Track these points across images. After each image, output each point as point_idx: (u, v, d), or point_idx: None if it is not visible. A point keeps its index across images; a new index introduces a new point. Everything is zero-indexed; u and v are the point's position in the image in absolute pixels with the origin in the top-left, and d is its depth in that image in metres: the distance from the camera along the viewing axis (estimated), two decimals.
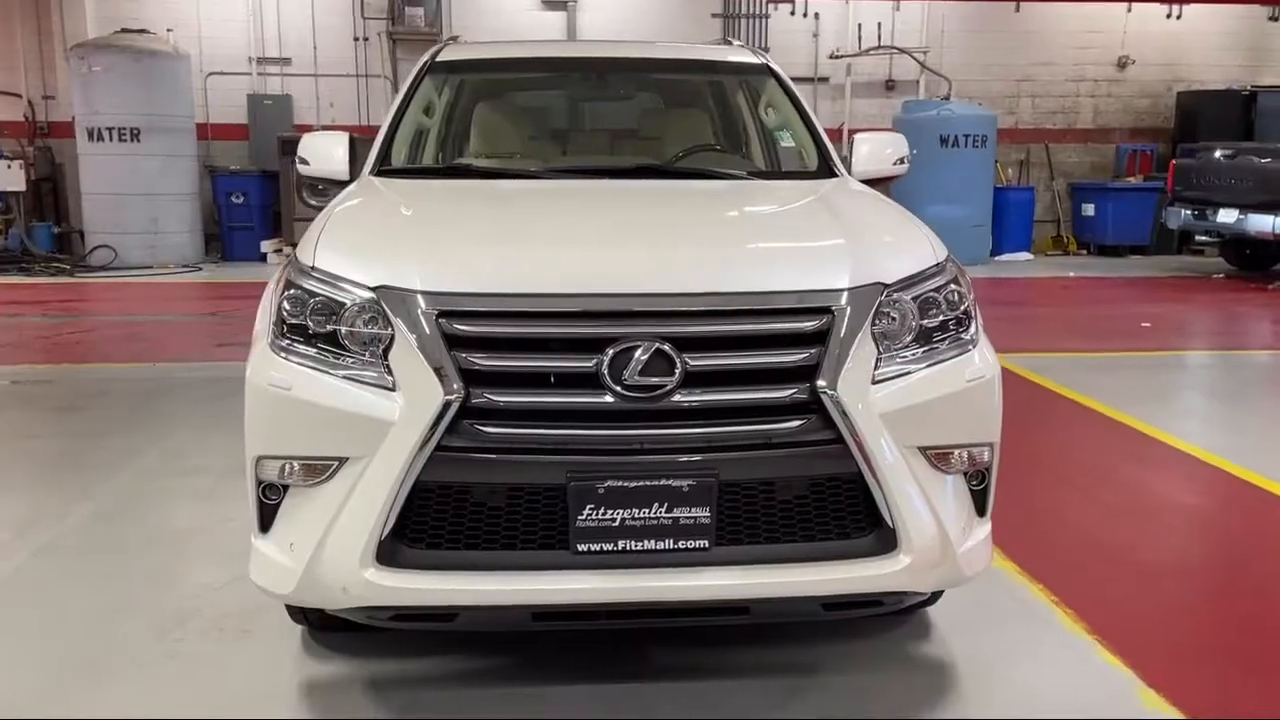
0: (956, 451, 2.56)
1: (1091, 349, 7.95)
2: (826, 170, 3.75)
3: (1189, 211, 12.21)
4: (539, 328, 2.40)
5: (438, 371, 2.34)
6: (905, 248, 2.74)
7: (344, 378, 2.44)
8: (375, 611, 2.47)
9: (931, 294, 2.62)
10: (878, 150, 3.83)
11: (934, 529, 2.50)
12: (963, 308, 2.66)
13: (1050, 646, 3.10)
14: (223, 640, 3.12)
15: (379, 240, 2.73)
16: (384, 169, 3.63)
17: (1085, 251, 14.59)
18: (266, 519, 2.57)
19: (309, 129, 13.34)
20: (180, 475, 4.66)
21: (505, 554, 2.40)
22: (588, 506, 2.34)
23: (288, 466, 2.47)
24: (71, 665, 2.98)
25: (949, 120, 12.87)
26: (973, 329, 2.68)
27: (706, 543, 2.39)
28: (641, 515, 2.35)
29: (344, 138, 3.76)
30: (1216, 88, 14.86)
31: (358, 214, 3.03)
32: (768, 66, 4.19)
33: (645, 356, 2.33)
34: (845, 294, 2.48)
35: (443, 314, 2.40)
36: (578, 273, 2.50)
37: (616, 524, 2.36)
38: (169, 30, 13.00)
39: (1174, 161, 12.68)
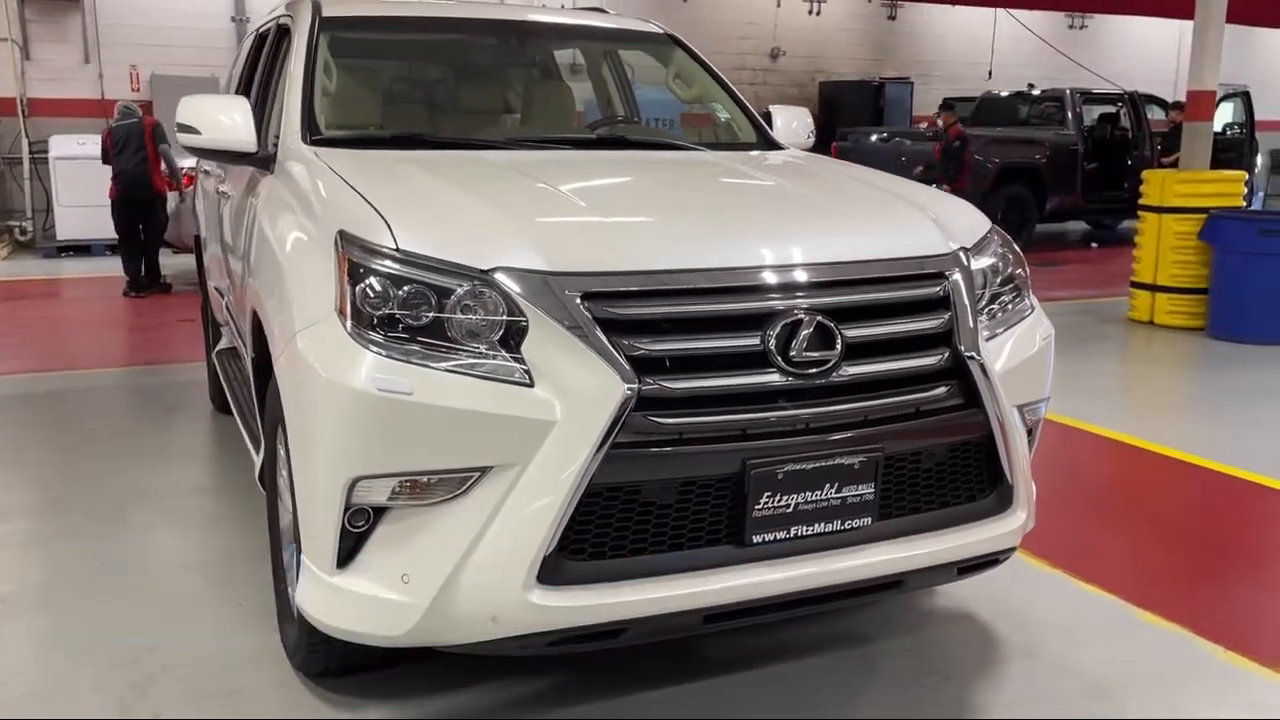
0: (1032, 406, 2.68)
1: None
2: (766, 142, 3.72)
3: None
4: (705, 305, 2.20)
5: (607, 360, 2.07)
6: (962, 214, 2.80)
7: (468, 374, 2.09)
8: (532, 640, 2.14)
9: (995, 257, 2.70)
10: (788, 123, 3.86)
11: (1030, 483, 2.60)
12: (1019, 269, 2.77)
13: (1037, 583, 3.33)
14: (212, 706, 2.57)
15: (461, 217, 2.34)
16: (316, 138, 3.09)
17: None
18: (350, 551, 2.17)
19: None
20: (31, 517, 3.81)
21: (674, 556, 2.19)
22: (765, 494, 2.19)
23: (401, 484, 2.09)
24: None
25: (642, 105, 13.21)
26: (1028, 291, 2.80)
27: (869, 519, 2.32)
28: (814, 498, 2.24)
29: (242, 101, 3.17)
30: (851, 78, 16.52)
31: (398, 187, 2.56)
32: (672, 37, 4.08)
33: (810, 330, 2.22)
34: (951, 257, 2.51)
35: (587, 296, 2.13)
36: (727, 245, 2.31)
37: (790, 510, 2.23)
38: None
39: (835, 144, 13.94)
